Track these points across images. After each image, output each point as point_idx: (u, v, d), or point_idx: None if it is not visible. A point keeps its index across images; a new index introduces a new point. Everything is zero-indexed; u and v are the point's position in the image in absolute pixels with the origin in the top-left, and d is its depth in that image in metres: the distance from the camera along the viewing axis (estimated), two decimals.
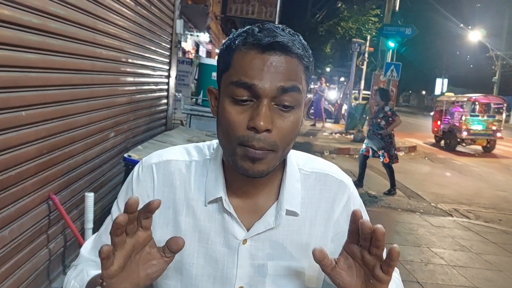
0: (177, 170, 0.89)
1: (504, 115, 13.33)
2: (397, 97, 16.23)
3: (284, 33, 0.77)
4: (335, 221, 0.92)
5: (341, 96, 19.70)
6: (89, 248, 0.93)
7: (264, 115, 0.74)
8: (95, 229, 2.82)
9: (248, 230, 0.86)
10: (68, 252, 2.85)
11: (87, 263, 0.90)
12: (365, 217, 0.96)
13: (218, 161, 0.87)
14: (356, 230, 0.71)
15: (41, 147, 2.30)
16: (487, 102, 13.24)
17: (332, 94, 16.99)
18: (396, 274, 0.95)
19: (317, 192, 0.91)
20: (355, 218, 0.71)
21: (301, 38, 0.80)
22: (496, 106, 13.28)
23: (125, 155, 3.01)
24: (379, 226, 0.68)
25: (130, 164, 2.93)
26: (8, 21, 1.90)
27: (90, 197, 2.67)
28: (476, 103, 13.03)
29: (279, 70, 0.75)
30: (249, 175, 0.78)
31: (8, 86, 1.95)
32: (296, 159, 0.92)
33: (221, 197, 0.85)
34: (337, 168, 0.96)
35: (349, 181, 0.95)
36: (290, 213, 0.87)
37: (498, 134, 12.36)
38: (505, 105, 13.36)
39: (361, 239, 0.71)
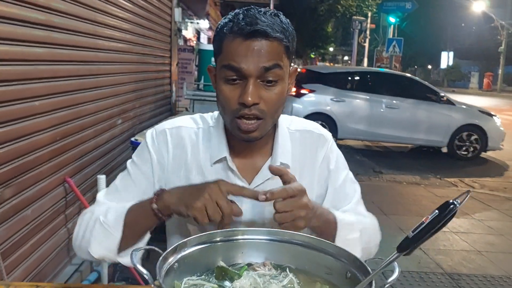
0: (187, 135, 1.05)
1: None
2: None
3: (265, 17, 0.91)
4: (317, 169, 1.08)
5: None
6: (103, 195, 1.06)
7: (251, 92, 0.90)
8: None
9: (249, 185, 1.02)
10: None
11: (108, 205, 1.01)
12: (343, 167, 1.11)
13: (220, 128, 1.04)
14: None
15: (54, 134, 2.48)
16: None
17: None
18: (368, 220, 1.08)
19: (302, 146, 1.08)
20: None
21: (281, 20, 0.94)
22: None
23: (132, 139, 3.19)
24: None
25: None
26: (16, 18, 2.06)
27: (102, 179, 2.86)
28: None
29: (260, 53, 0.90)
30: (245, 139, 0.96)
31: (21, 79, 2.12)
32: (284, 122, 1.09)
33: (225, 156, 1.01)
34: (317, 125, 1.13)
35: (328, 134, 1.12)
36: (283, 165, 1.02)
37: None
38: None
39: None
